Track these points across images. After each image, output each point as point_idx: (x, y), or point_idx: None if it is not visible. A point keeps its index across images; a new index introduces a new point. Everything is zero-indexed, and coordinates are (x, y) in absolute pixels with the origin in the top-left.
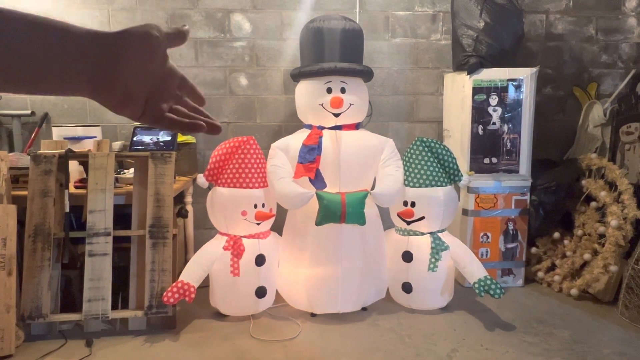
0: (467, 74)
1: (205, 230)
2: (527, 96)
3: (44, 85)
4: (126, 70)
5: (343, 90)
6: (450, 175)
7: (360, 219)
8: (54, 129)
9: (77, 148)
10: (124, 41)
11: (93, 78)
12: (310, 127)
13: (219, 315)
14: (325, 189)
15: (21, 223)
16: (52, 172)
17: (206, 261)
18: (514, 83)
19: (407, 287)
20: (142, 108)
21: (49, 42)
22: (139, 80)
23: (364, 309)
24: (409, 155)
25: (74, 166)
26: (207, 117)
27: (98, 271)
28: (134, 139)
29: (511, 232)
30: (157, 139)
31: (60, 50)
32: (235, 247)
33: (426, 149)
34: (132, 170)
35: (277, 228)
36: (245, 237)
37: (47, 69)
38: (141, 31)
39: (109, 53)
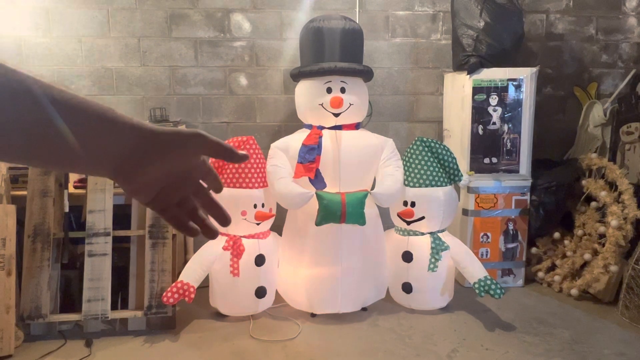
0: (467, 74)
1: None
2: (527, 96)
3: (70, 166)
4: (153, 167)
5: (343, 90)
6: (450, 175)
7: (360, 219)
8: None
9: None
10: (163, 144)
11: (119, 167)
12: (310, 127)
13: (219, 316)
14: (325, 189)
15: (20, 223)
16: (52, 172)
17: (206, 261)
18: (514, 83)
19: (407, 287)
20: (153, 197)
21: (90, 128)
22: (161, 176)
23: (364, 309)
24: (409, 155)
25: None
26: (218, 211)
27: (97, 271)
28: None
29: (511, 232)
30: None
31: (98, 138)
32: (235, 247)
33: (426, 149)
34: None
35: (277, 228)
36: (245, 237)
37: (80, 153)
38: (184, 139)
39: (143, 150)
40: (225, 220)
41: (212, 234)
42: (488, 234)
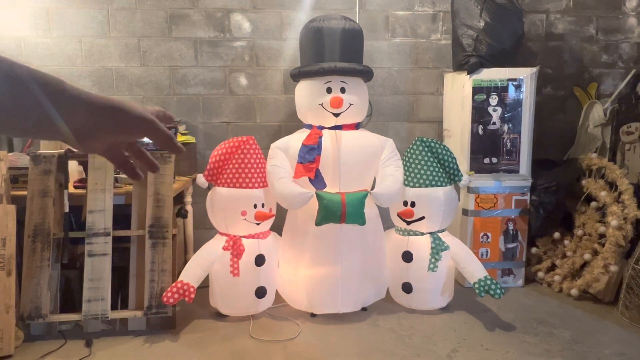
0: (467, 74)
1: (205, 230)
2: (527, 96)
3: (29, 132)
4: (104, 134)
5: (343, 90)
6: (450, 175)
7: (360, 219)
8: None
9: None
10: (113, 118)
11: (74, 133)
12: (310, 127)
13: (219, 316)
14: (325, 189)
15: (20, 223)
16: (52, 172)
17: (206, 261)
18: (514, 83)
19: (407, 287)
20: (104, 151)
21: (46, 98)
22: (112, 139)
23: (364, 309)
24: (409, 155)
25: (73, 166)
26: (168, 143)
27: (97, 271)
28: None
29: (511, 232)
30: None
31: (55, 106)
32: (235, 247)
33: (426, 149)
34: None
35: (277, 228)
36: (245, 237)
37: (37, 120)
38: (133, 120)
39: (94, 120)
40: (177, 149)
41: (155, 168)
42: (488, 234)
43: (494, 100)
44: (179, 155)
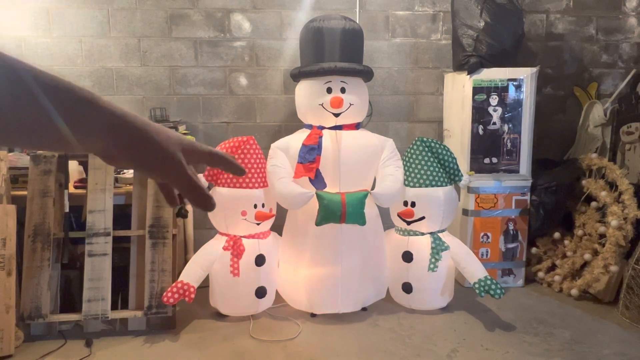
0: (468, 74)
1: (205, 230)
2: (527, 96)
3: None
4: (134, 161)
5: (343, 90)
6: (451, 175)
7: (360, 219)
8: None
9: None
10: (134, 143)
11: (104, 149)
12: (310, 127)
13: (219, 316)
14: (325, 189)
15: (21, 223)
16: (52, 172)
17: (206, 261)
18: (514, 83)
19: (407, 287)
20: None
21: (77, 112)
22: (137, 162)
23: (364, 309)
24: (409, 155)
25: (73, 166)
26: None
27: (98, 271)
28: None
29: (511, 232)
30: None
31: (83, 122)
32: (235, 247)
33: (426, 149)
34: (131, 170)
35: (277, 228)
36: (245, 237)
37: (68, 134)
38: (163, 163)
39: (127, 144)
40: (205, 205)
41: (210, 206)
42: (488, 234)
43: (494, 100)
44: (207, 210)
